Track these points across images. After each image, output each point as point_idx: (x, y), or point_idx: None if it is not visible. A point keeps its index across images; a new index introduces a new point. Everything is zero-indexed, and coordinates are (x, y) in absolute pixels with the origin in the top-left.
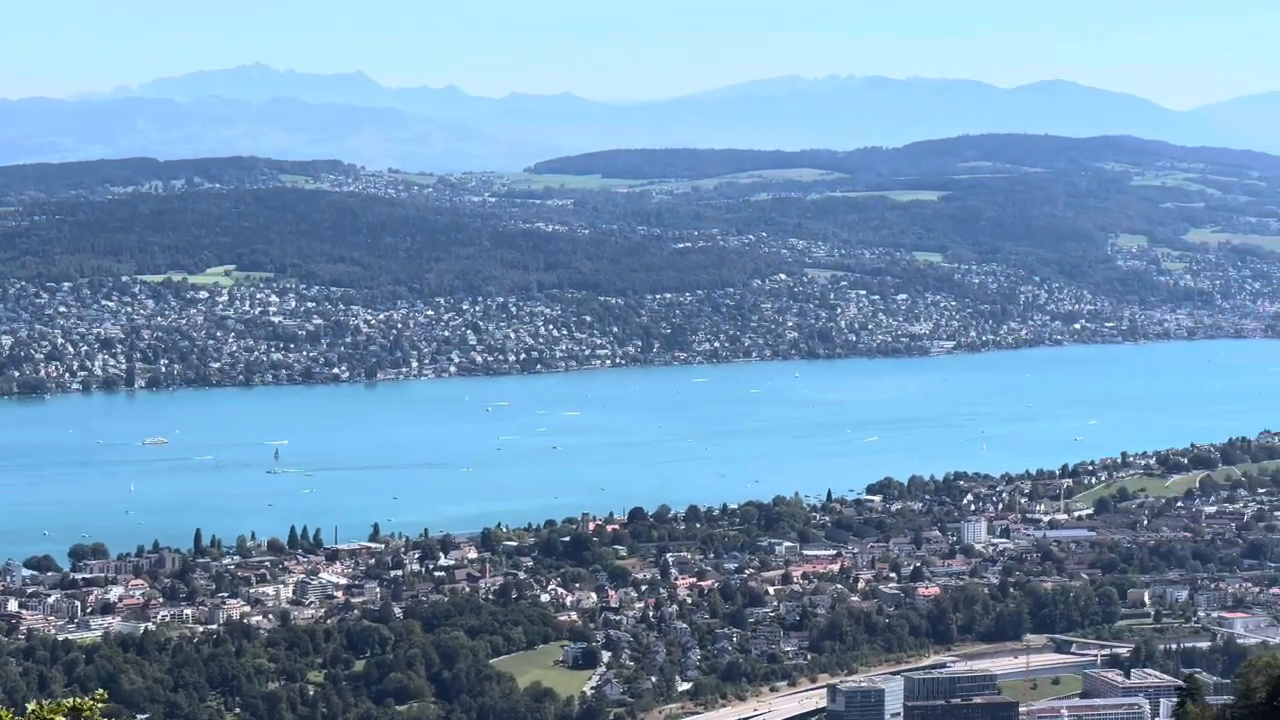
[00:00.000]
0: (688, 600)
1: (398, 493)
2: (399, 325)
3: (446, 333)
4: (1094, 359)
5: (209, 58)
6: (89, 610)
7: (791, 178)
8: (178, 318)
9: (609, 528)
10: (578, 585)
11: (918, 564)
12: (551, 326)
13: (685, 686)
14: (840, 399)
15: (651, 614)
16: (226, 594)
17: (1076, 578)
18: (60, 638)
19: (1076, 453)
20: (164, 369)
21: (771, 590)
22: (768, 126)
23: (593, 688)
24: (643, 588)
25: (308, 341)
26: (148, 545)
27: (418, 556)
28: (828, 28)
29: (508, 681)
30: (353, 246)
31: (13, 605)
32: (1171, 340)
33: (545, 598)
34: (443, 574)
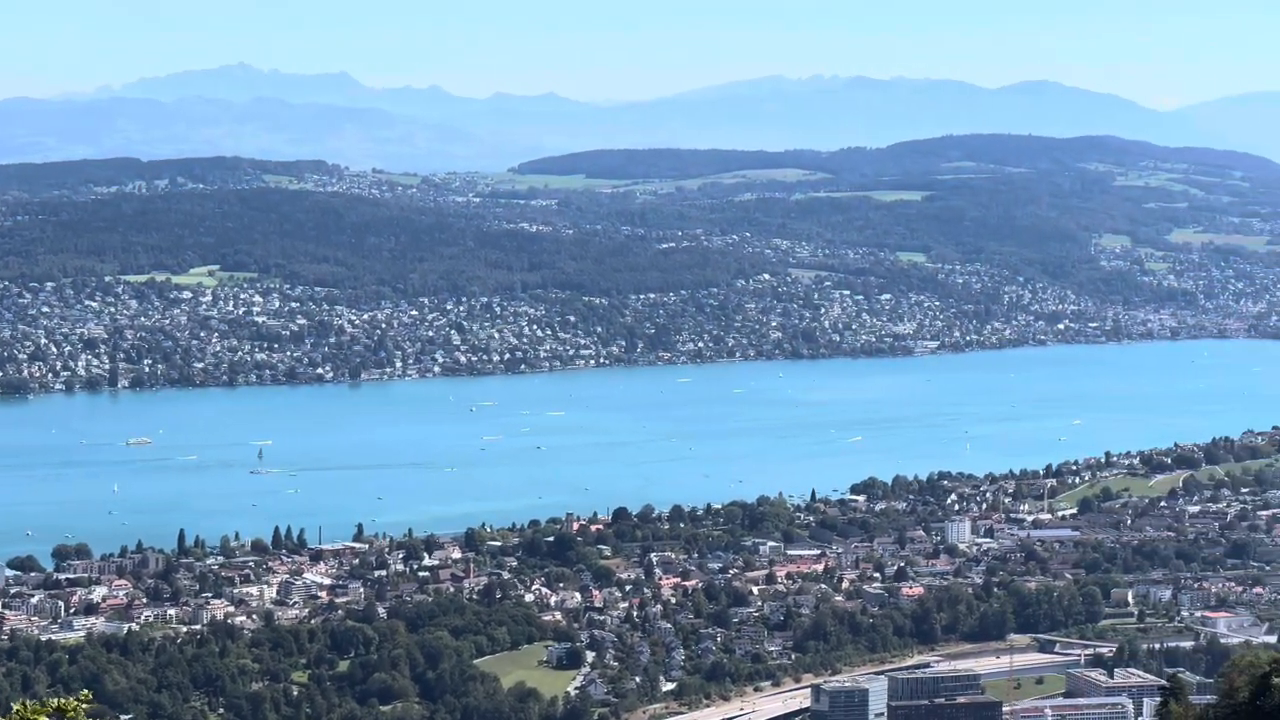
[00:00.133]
0: (672, 600)
1: (382, 493)
2: (383, 325)
3: (430, 333)
4: (1078, 359)
5: (192, 58)
6: (72, 611)
7: (775, 178)
8: (161, 318)
9: (593, 528)
10: (562, 585)
11: (902, 564)
12: (535, 326)
13: (669, 686)
14: (824, 399)
15: (636, 614)
16: (210, 594)
17: (1060, 577)
18: (43, 638)
19: (1060, 452)
20: (147, 369)
21: (755, 590)
22: (752, 127)
23: (577, 688)
24: (627, 588)
25: (292, 342)
26: (131, 545)
27: (402, 556)
28: (811, 27)
29: (492, 682)
30: (336, 247)
31: None
32: (1155, 340)
33: (529, 598)
34: (427, 574)
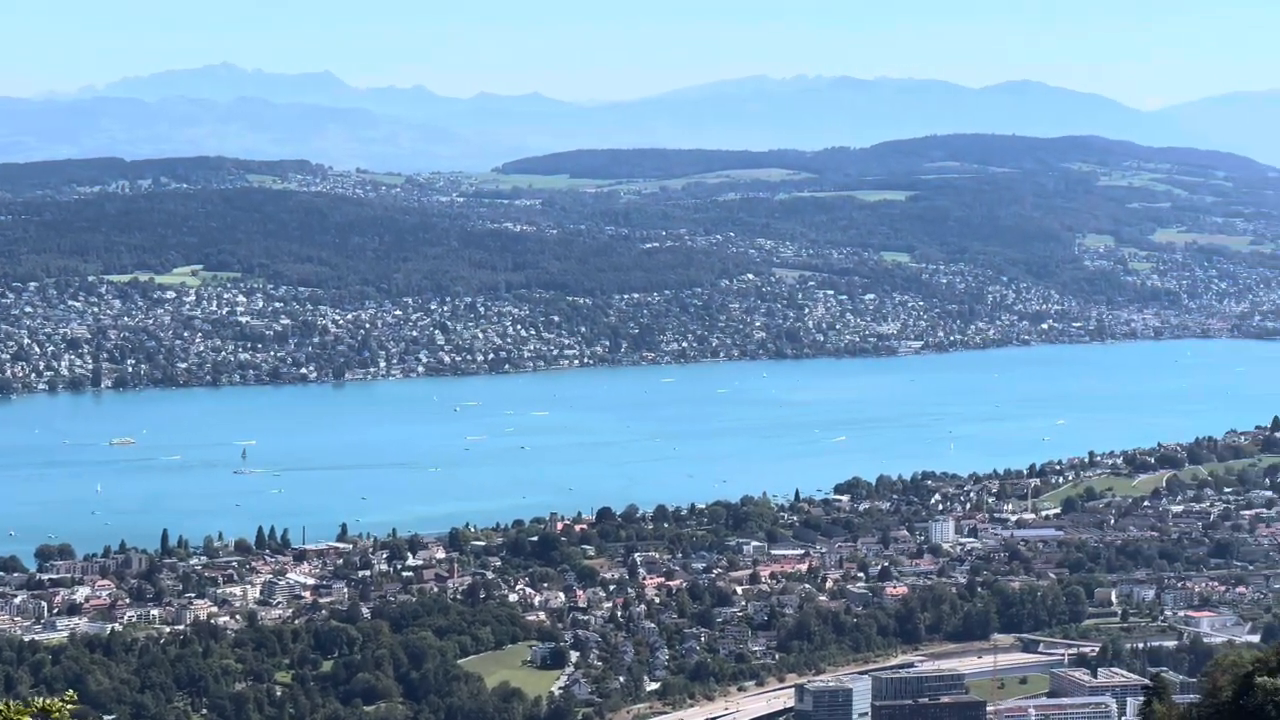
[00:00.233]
0: (656, 600)
1: (366, 493)
2: (367, 325)
3: (414, 333)
4: (1061, 359)
5: (175, 57)
6: (55, 611)
7: (759, 178)
8: (144, 318)
9: (577, 527)
10: (546, 585)
11: (885, 563)
12: (519, 326)
13: (653, 686)
14: (808, 399)
15: (619, 614)
16: (193, 594)
17: (1044, 577)
18: (26, 638)
19: (1044, 452)
20: (131, 369)
21: (739, 590)
22: (735, 127)
23: (561, 688)
24: (610, 587)
25: (275, 341)
26: (114, 546)
27: (386, 557)
28: (796, 27)
29: (475, 682)
30: (320, 246)
31: None
32: (1138, 340)
33: (513, 598)
34: (411, 574)
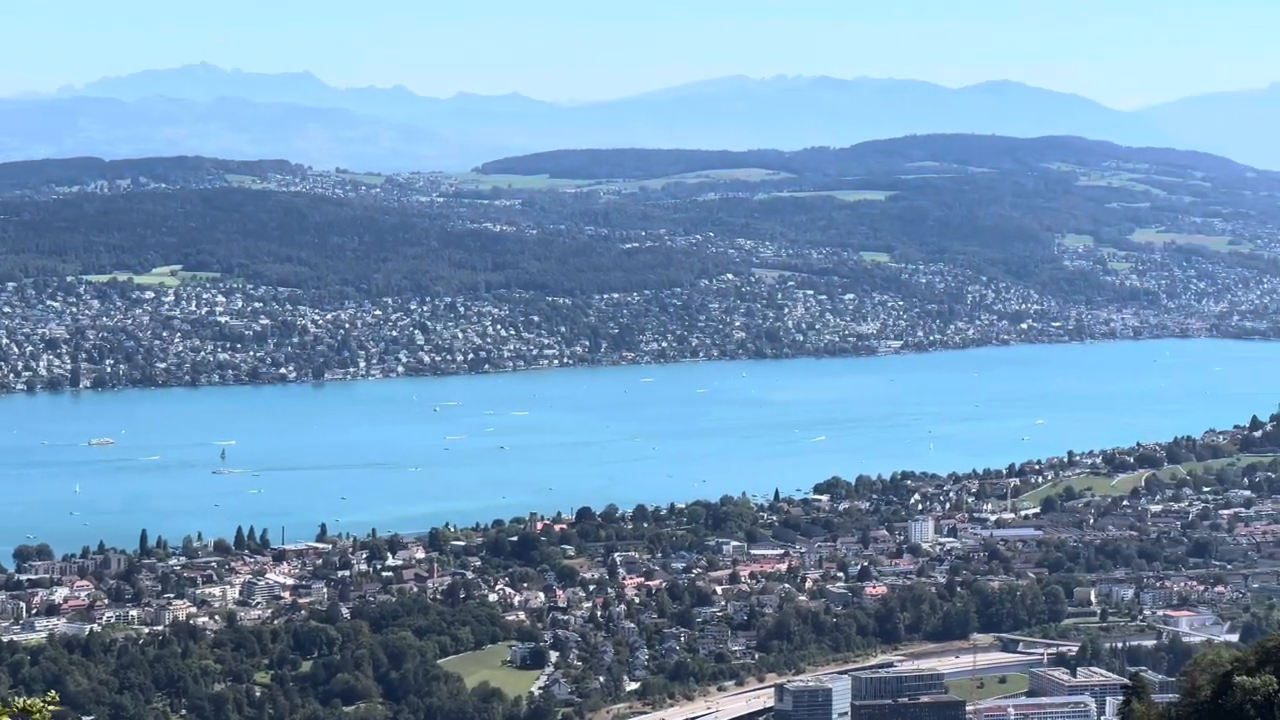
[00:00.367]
0: (635, 600)
1: (345, 493)
2: (346, 325)
3: (394, 333)
4: (1041, 358)
5: (154, 57)
6: (34, 611)
7: (739, 178)
8: (123, 318)
9: (557, 527)
10: (525, 585)
11: (865, 563)
12: (499, 326)
13: (633, 686)
14: (788, 399)
15: (599, 614)
16: (172, 595)
17: (1023, 577)
18: (5, 639)
19: (1023, 452)
20: (109, 369)
21: (719, 590)
22: (715, 127)
23: (540, 688)
24: (590, 587)
25: (254, 341)
26: (93, 546)
27: (365, 557)
28: (775, 26)
29: (455, 682)
30: (300, 246)
31: None
32: (1117, 340)
33: (493, 598)
34: (390, 574)
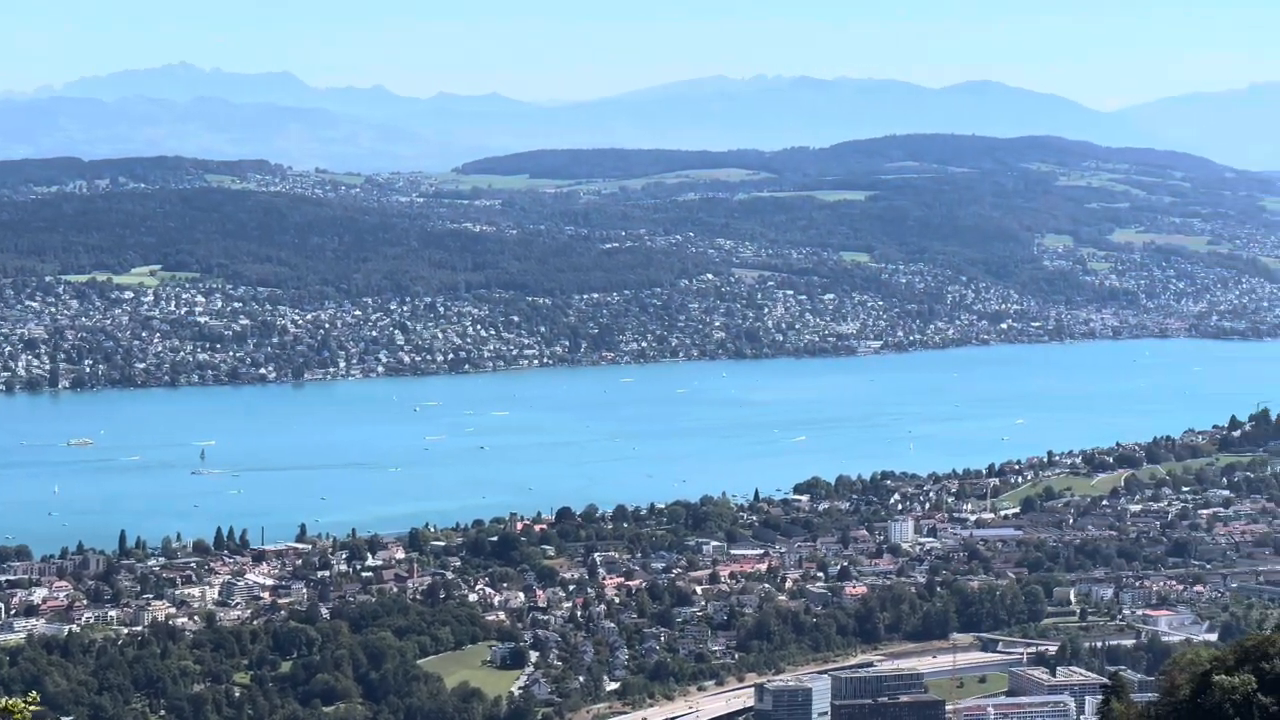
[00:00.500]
0: (615, 600)
1: (325, 493)
2: (326, 325)
3: (374, 333)
4: (1020, 358)
5: (134, 57)
6: (13, 612)
7: (719, 178)
8: (102, 318)
9: (537, 527)
10: (505, 585)
11: (845, 563)
12: (479, 326)
13: (613, 686)
14: (767, 399)
15: (579, 614)
16: (151, 595)
17: (1003, 576)
18: None
19: (1003, 452)
20: (88, 369)
21: (699, 590)
22: (695, 127)
23: (520, 688)
24: (570, 587)
25: (234, 342)
26: (72, 547)
27: (345, 557)
28: (754, 26)
29: (435, 682)
30: (279, 246)
31: None
32: (1097, 340)
33: (473, 598)
34: (370, 574)
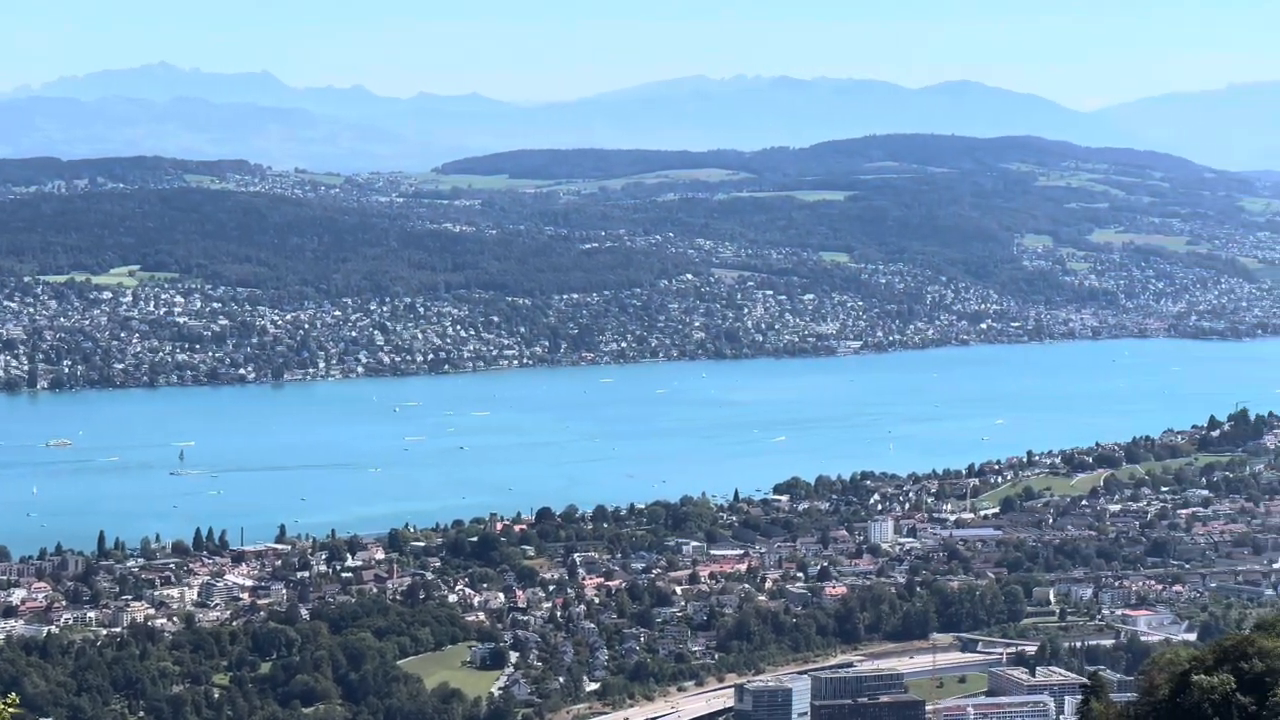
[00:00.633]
0: (595, 600)
1: (305, 493)
2: (306, 326)
3: (354, 333)
4: (1000, 359)
5: (112, 56)
6: None
7: (698, 178)
8: (81, 318)
9: (517, 528)
10: (485, 585)
11: (825, 563)
12: (459, 327)
13: (593, 687)
14: (747, 399)
15: (559, 614)
16: (130, 596)
17: (983, 576)
18: None
19: (983, 452)
20: (67, 370)
21: (679, 590)
22: (674, 127)
23: (500, 688)
24: (550, 588)
25: (213, 342)
26: (50, 548)
27: (325, 557)
28: (734, 26)
29: (415, 683)
30: (259, 247)
31: None
32: (1077, 340)
33: (453, 598)
34: (350, 575)
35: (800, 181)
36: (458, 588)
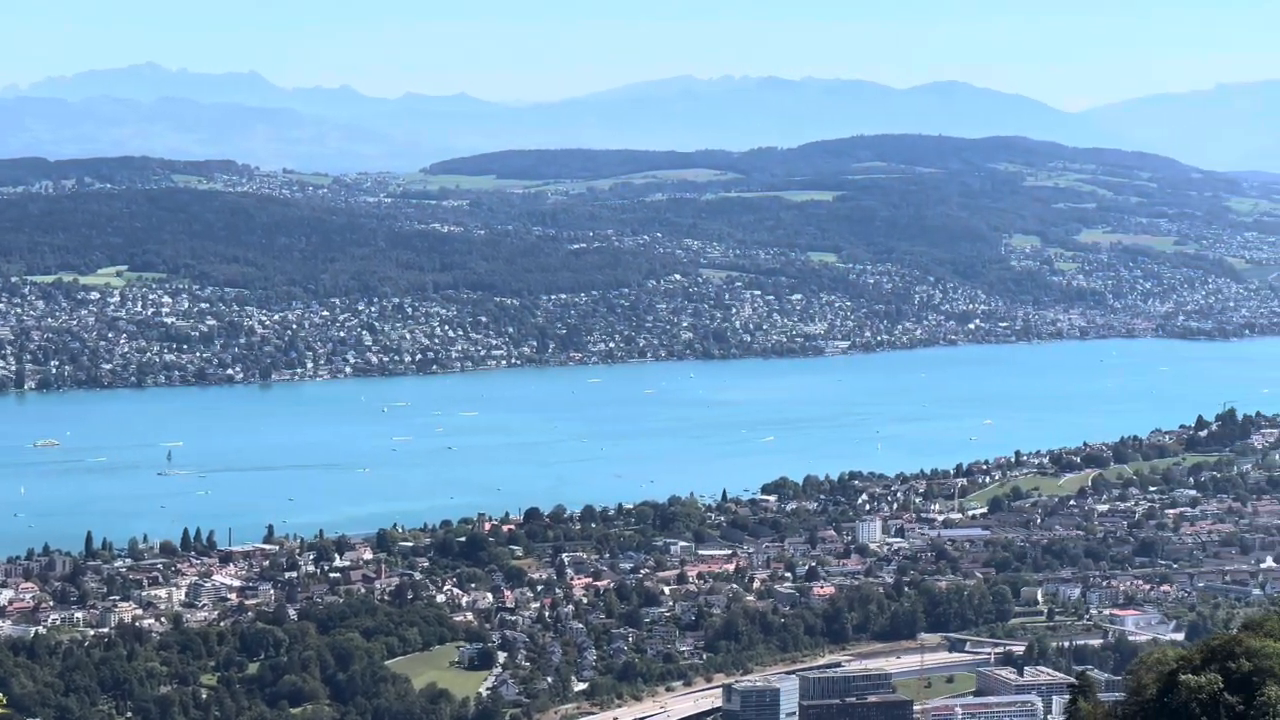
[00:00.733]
0: (584, 600)
1: (293, 494)
2: (294, 326)
3: (342, 333)
4: (988, 359)
5: (100, 57)
6: None
7: (686, 178)
8: (68, 319)
9: (505, 528)
10: (474, 586)
11: (813, 563)
12: (447, 327)
13: (581, 687)
14: (735, 399)
15: (547, 614)
16: (118, 597)
17: (970, 576)
18: None
19: (971, 452)
20: (55, 370)
21: (667, 590)
22: (662, 127)
23: (488, 689)
24: (539, 588)
25: (201, 342)
26: (38, 548)
27: (313, 558)
28: (722, 27)
29: (403, 683)
30: (247, 247)
31: None
32: (1064, 340)
33: (441, 598)
34: (338, 575)
35: (788, 182)
36: (446, 588)
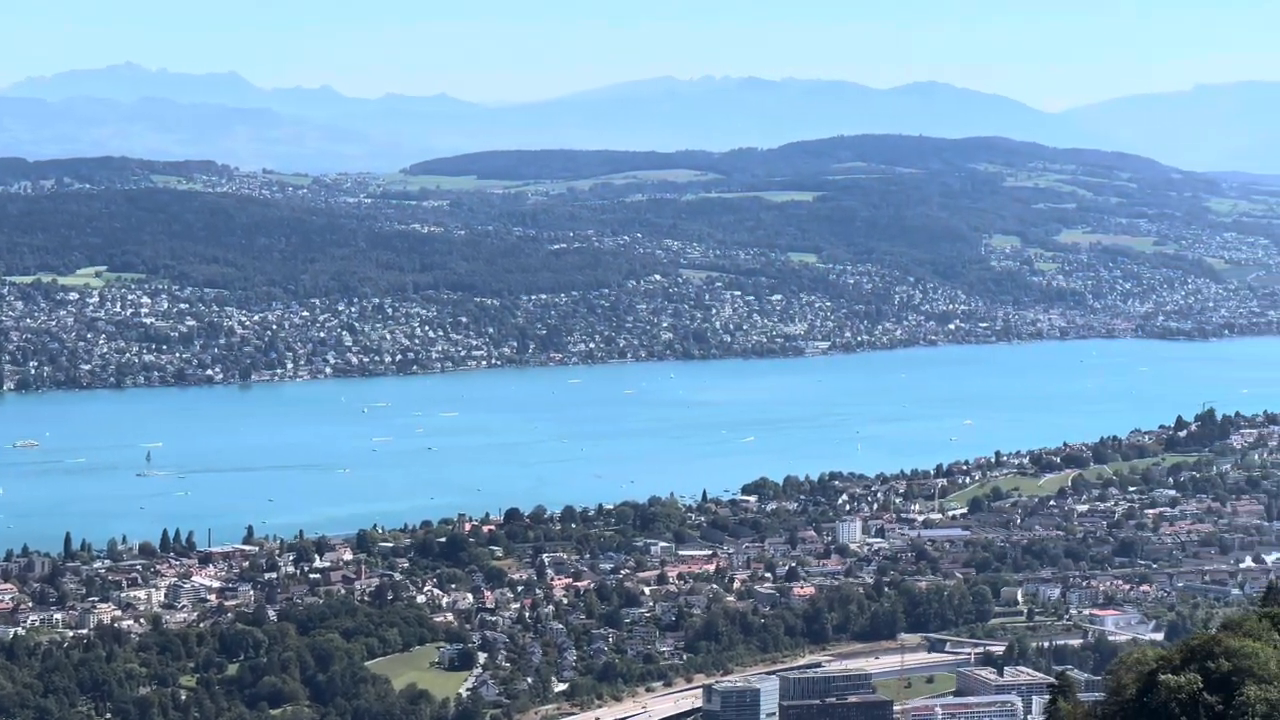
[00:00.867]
0: (564, 601)
1: (272, 494)
2: (274, 326)
3: (322, 334)
4: (968, 359)
5: (79, 57)
6: None
7: (667, 179)
8: (47, 319)
9: (485, 528)
10: (454, 586)
11: (793, 564)
12: (427, 327)
13: (561, 687)
14: (716, 399)
15: (528, 615)
16: (97, 598)
17: (951, 577)
18: None
19: (951, 452)
20: (33, 371)
21: (647, 591)
22: (643, 127)
23: (469, 689)
24: (519, 588)
25: (180, 343)
26: (17, 549)
27: (292, 558)
28: (702, 27)
29: (383, 684)
30: (227, 247)
31: None
32: (1044, 340)
33: (421, 599)
34: (318, 576)
35: (768, 182)
36: (426, 588)
